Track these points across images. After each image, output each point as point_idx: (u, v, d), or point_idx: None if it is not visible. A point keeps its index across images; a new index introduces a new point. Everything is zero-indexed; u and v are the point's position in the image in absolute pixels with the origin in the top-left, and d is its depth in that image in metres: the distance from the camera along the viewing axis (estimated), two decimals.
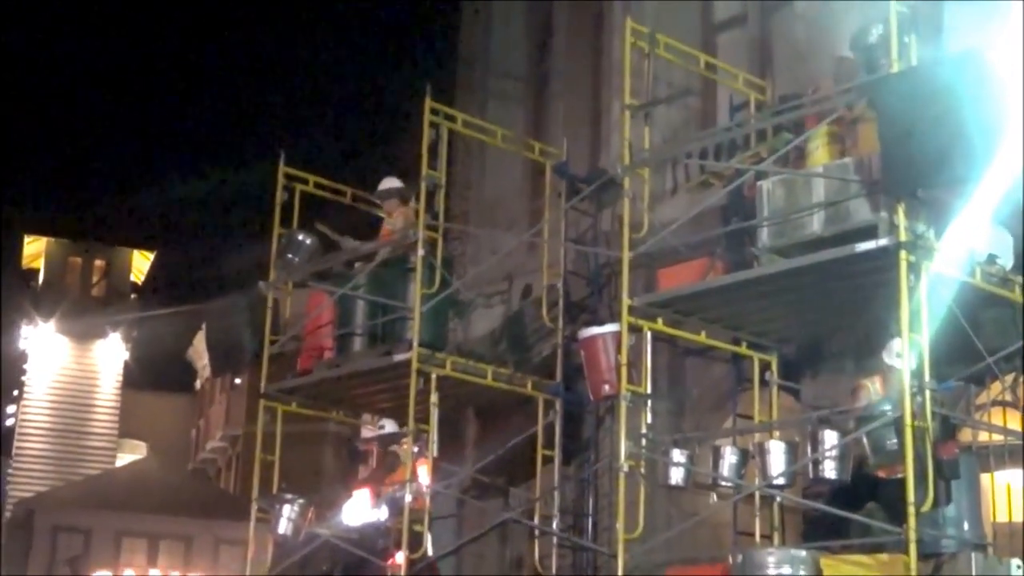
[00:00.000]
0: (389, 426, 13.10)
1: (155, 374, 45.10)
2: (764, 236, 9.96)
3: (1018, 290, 9.64)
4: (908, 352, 8.73)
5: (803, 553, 9.12)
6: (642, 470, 10.30)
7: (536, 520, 12.59)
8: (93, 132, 75.12)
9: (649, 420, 10.46)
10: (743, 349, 11.06)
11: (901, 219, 8.91)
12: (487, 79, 16.16)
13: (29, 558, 33.02)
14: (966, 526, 9.49)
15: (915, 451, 8.52)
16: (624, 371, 10.40)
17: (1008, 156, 8.75)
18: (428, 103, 12.27)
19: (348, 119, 76.28)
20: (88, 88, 75.48)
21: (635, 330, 10.49)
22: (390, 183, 12.93)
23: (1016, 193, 9.42)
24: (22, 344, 41.51)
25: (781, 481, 9.67)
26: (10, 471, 40.54)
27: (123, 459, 41.80)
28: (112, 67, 73.45)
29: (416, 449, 11.87)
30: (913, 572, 8.30)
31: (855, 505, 9.34)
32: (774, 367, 11.05)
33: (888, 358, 9.50)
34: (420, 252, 11.98)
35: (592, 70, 14.36)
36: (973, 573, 8.85)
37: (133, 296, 44.20)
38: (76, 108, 74.01)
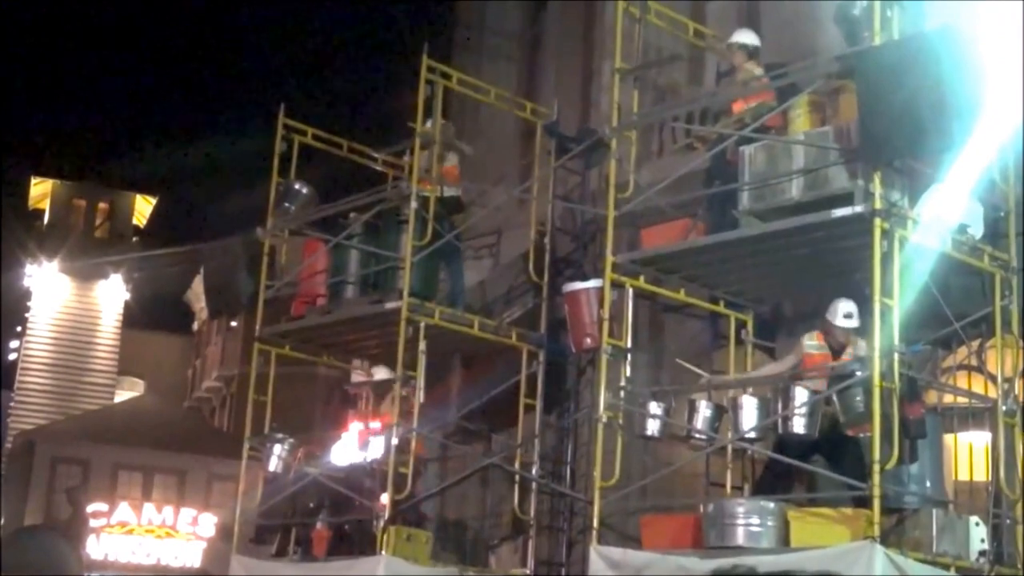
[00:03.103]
0: (381, 373, 13.39)
1: (154, 315, 45.50)
2: (745, 199, 10.20)
3: (987, 259, 9.92)
4: (879, 316, 9.02)
5: (771, 504, 9.46)
6: (620, 421, 10.60)
7: (517, 466, 12.93)
8: (101, 80, 75.01)
9: (628, 373, 10.78)
10: (721, 308, 11.37)
11: (877, 187, 9.15)
12: (482, 39, 16.33)
13: (29, 487, 33.52)
14: (928, 484, 9.81)
15: (882, 410, 8.81)
16: (606, 325, 10.69)
17: (983, 129, 8.99)
18: (425, 61, 12.51)
19: (347, 75, 75.93)
20: (97, 36, 75.22)
21: (618, 286, 10.79)
22: None
23: (989, 164, 9.70)
24: (26, 282, 41.81)
25: (753, 435, 10.00)
26: (12, 404, 41.00)
27: (121, 395, 42.24)
28: (121, 16, 73.12)
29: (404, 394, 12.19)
30: (876, 526, 8.61)
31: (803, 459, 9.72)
32: (750, 326, 11.38)
33: (831, 317, 9.87)
34: (413, 205, 12.25)
35: (584, 33, 14.51)
36: (934, 528, 9.19)
37: (135, 239, 44.44)
38: (85, 55, 73.88)
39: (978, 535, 9.37)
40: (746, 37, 11.29)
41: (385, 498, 11.66)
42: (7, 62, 70.74)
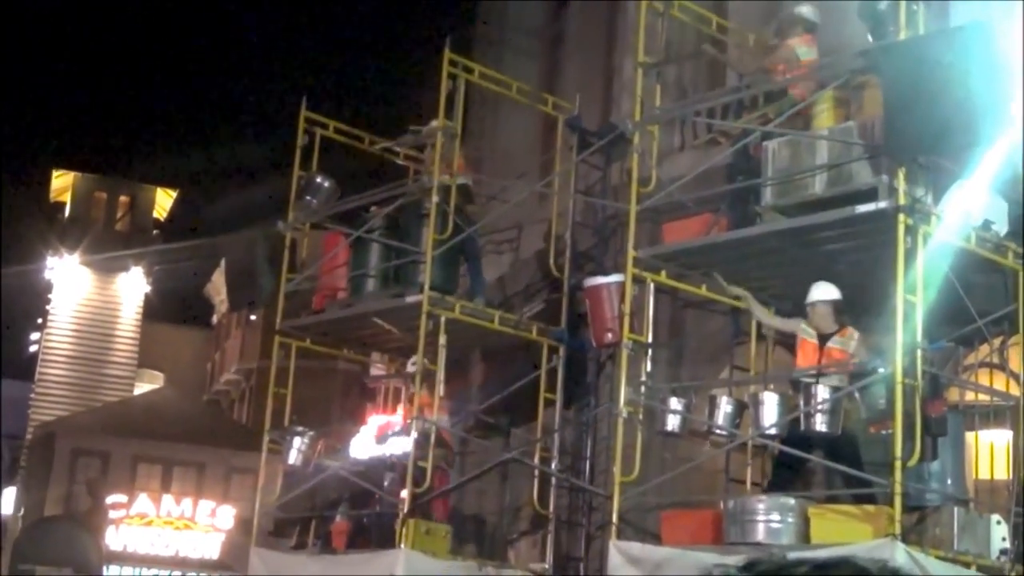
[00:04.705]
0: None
1: (174, 308, 45.76)
2: (767, 195, 10.20)
3: (1011, 256, 9.87)
4: (902, 313, 9.00)
5: (792, 501, 9.46)
6: (640, 416, 10.62)
7: (536, 461, 12.93)
8: (123, 73, 75.44)
9: (649, 368, 10.80)
10: (742, 303, 11.34)
11: (901, 183, 9.14)
12: (504, 33, 16.34)
13: (50, 479, 33.75)
14: (949, 481, 9.80)
15: (904, 407, 8.81)
16: (626, 320, 10.71)
17: (1008, 126, 8.94)
18: (447, 54, 12.53)
19: (369, 69, 76.19)
20: (120, 29, 75.65)
21: (639, 281, 10.79)
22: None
23: (1014, 161, 9.64)
24: (48, 275, 42.05)
25: (773, 431, 9.98)
26: (33, 396, 41.29)
27: (141, 388, 42.43)
28: (144, 10, 73.56)
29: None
30: (897, 523, 8.62)
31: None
32: None
33: (808, 299, 10.03)
34: (434, 199, 12.26)
35: (606, 28, 14.52)
36: (955, 527, 9.18)
37: (156, 232, 44.67)
38: (108, 48, 74.31)
39: (999, 534, 9.38)
40: (808, 11, 10.80)
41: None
42: (31, 56, 71.21)
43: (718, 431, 10.52)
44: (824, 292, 10.03)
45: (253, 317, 37.52)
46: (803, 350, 10.09)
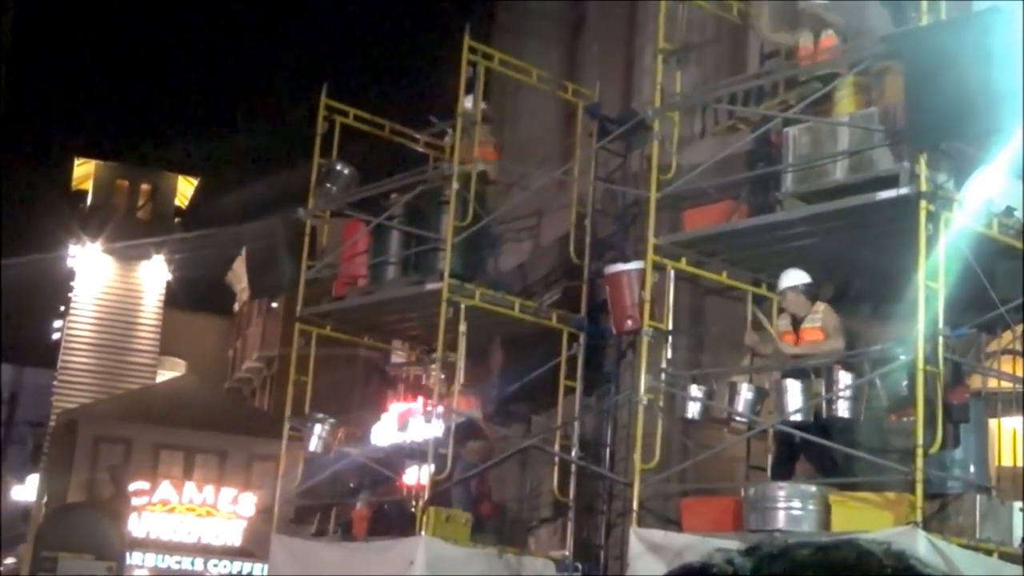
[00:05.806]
0: None
1: (196, 295, 45.85)
2: (788, 181, 10.19)
3: None
4: (924, 299, 8.98)
5: (812, 488, 9.46)
6: (660, 403, 10.64)
7: (556, 448, 12.93)
8: (144, 60, 75.67)
9: (669, 355, 10.82)
10: (763, 290, 11.32)
11: (923, 169, 9.11)
12: (525, 20, 16.31)
13: (72, 466, 33.94)
14: (972, 469, 9.78)
15: (926, 394, 8.79)
16: (647, 307, 10.71)
17: None
18: (467, 41, 12.52)
19: (390, 56, 76.21)
20: (141, 16, 75.90)
21: (659, 268, 10.80)
22: None
23: None
24: (70, 263, 42.26)
25: (796, 418, 9.96)
26: (56, 383, 41.55)
27: (163, 376, 42.60)
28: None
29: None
30: (919, 511, 8.61)
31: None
32: None
33: (779, 287, 10.22)
34: (454, 185, 12.27)
35: (626, 15, 14.47)
36: (977, 514, 9.15)
37: (177, 220, 44.81)
38: (129, 35, 74.55)
39: (1021, 521, 9.33)
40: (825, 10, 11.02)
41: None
42: (52, 43, 71.54)
43: (739, 418, 10.50)
44: (793, 279, 10.14)
45: (274, 305, 37.60)
46: (787, 339, 10.22)
